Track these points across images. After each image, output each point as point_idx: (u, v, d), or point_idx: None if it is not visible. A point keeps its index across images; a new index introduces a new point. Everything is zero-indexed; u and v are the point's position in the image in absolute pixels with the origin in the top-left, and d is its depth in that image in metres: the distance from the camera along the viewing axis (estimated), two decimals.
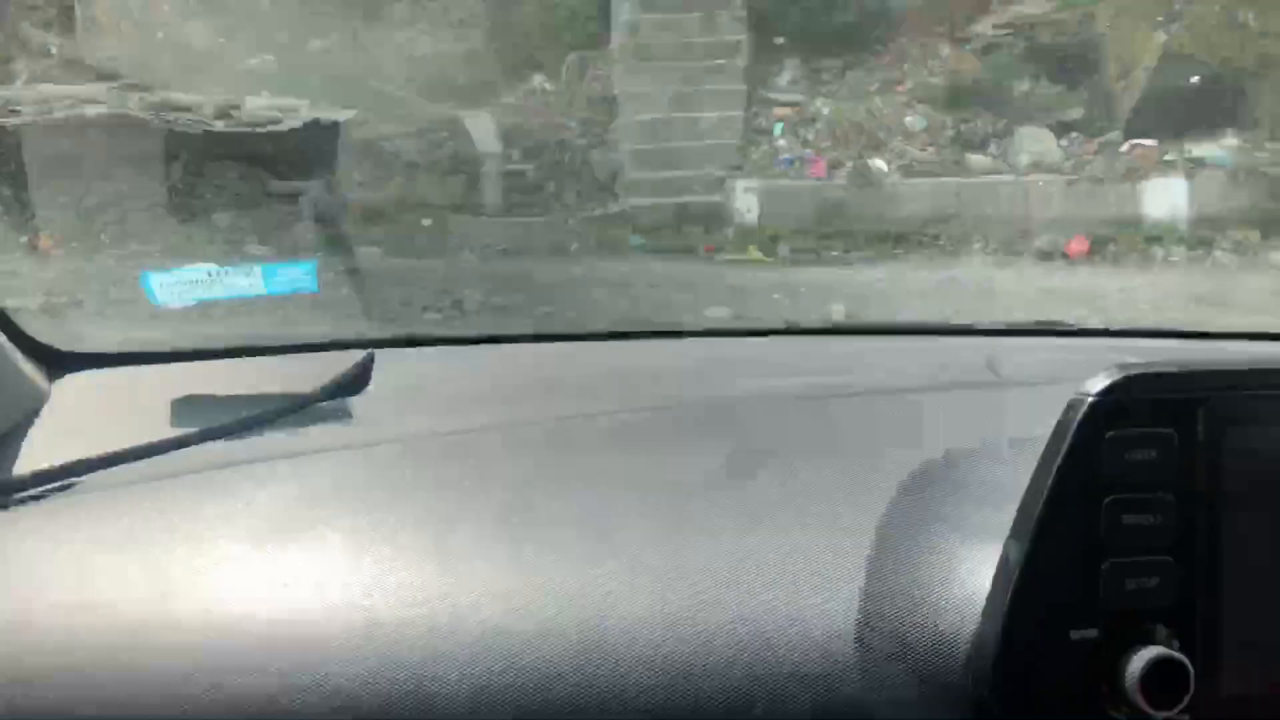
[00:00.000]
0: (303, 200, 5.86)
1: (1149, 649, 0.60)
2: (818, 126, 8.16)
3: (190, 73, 6.41)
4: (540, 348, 1.32)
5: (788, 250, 7.02)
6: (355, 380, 0.98)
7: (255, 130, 6.05)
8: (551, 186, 7.13)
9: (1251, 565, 0.63)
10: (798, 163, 7.73)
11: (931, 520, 0.72)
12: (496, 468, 0.85)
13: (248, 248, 5.55)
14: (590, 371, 1.15)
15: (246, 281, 1.10)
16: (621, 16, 7.81)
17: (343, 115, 6.40)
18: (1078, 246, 7.81)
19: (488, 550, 0.73)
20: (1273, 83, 8.15)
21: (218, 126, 5.99)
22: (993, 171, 8.32)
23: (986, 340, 1.23)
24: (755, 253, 6.84)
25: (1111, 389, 0.61)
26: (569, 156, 7.26)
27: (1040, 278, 7.18)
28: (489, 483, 0.82)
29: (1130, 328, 1.45)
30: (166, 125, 5.82)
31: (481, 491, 0.81)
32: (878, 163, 7.82)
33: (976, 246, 7.98)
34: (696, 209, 7.08)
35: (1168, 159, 8.10)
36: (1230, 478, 0.62)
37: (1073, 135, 8.45)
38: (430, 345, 1.33)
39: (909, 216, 8.00)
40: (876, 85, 8.81)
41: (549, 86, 7.84)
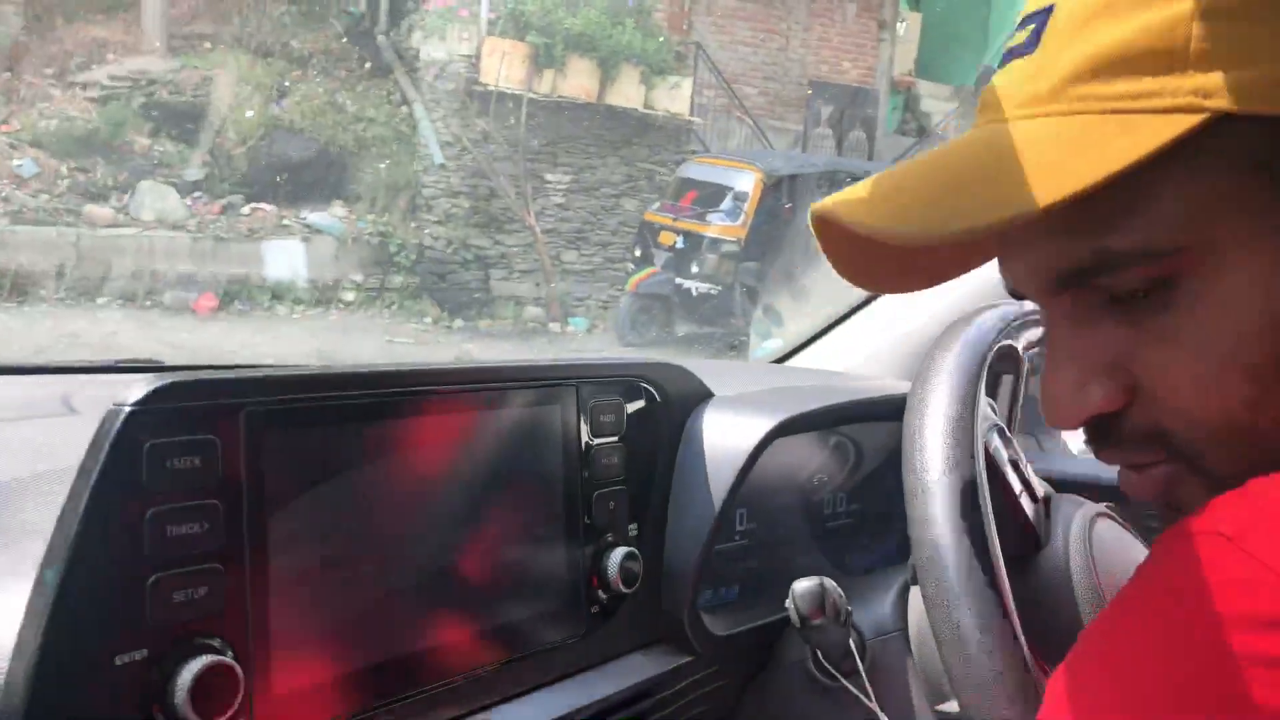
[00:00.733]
0: None
1: (199, 659, 0.59)
2: None
3: None
4: None
5: None
6: None
7: None
8: None
9: (296, 563, 0.66)
10: None
11: None
12: None
13: None
14: None
15: None
16: None
17: None
18: (206, 303, 7.87)
19: None
20: (367, 162, 9.20)
21: None
22: (114, 224, 7.99)
23: (66, 377, 1.13)
24: None
25: (149, 397, 0.59)
26: None
27: (169, 332, 7.07)
28: None
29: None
30: None
31: None
32: None
33: (101, 300, 7.57)
34: None
35: (285, 223, 8.62)
36: (272, 481, 0.64)
37: (196, 195, 8.52)
38: None
39: (23, 265, 7.30)
40: None
41: None
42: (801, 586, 0.85)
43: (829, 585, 0.85)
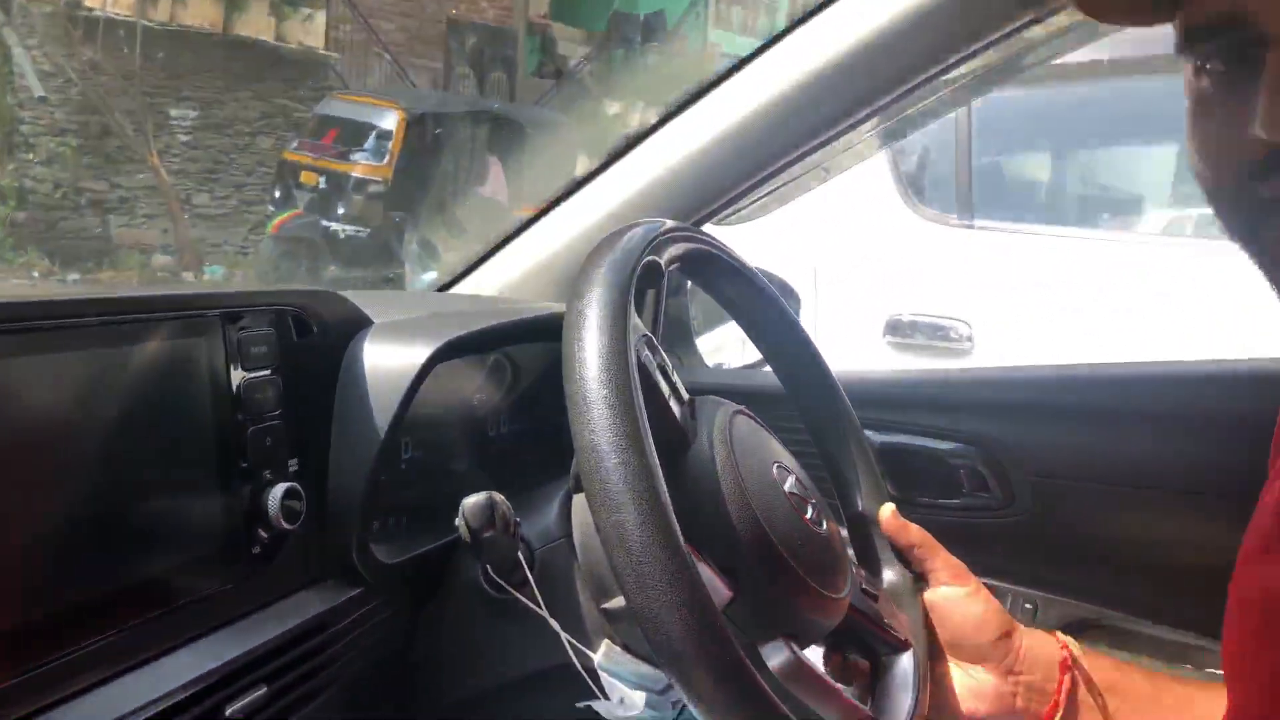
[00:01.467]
0: None
1: None
2: None
3: None
4: None
5: None
6: None
7: None
8: None
9: None
10: None
11: None
12: None
13: None
14: None
15: None
16: None
17: None
18: None
19: None
20: None
21: None
22: None
23: None
24: None
25: None
26: None
27: None
28: None
29: None
30: None
31: None
32: None
33: None
34: None
35: None
36: None
37: None
38: None
39: None
40: None
41: None
42: (471, 501, 0.86)
43: (497, 499, 0.87)
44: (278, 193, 8.14)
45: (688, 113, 1.39)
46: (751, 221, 1.56)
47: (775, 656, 0.79)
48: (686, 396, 0.85)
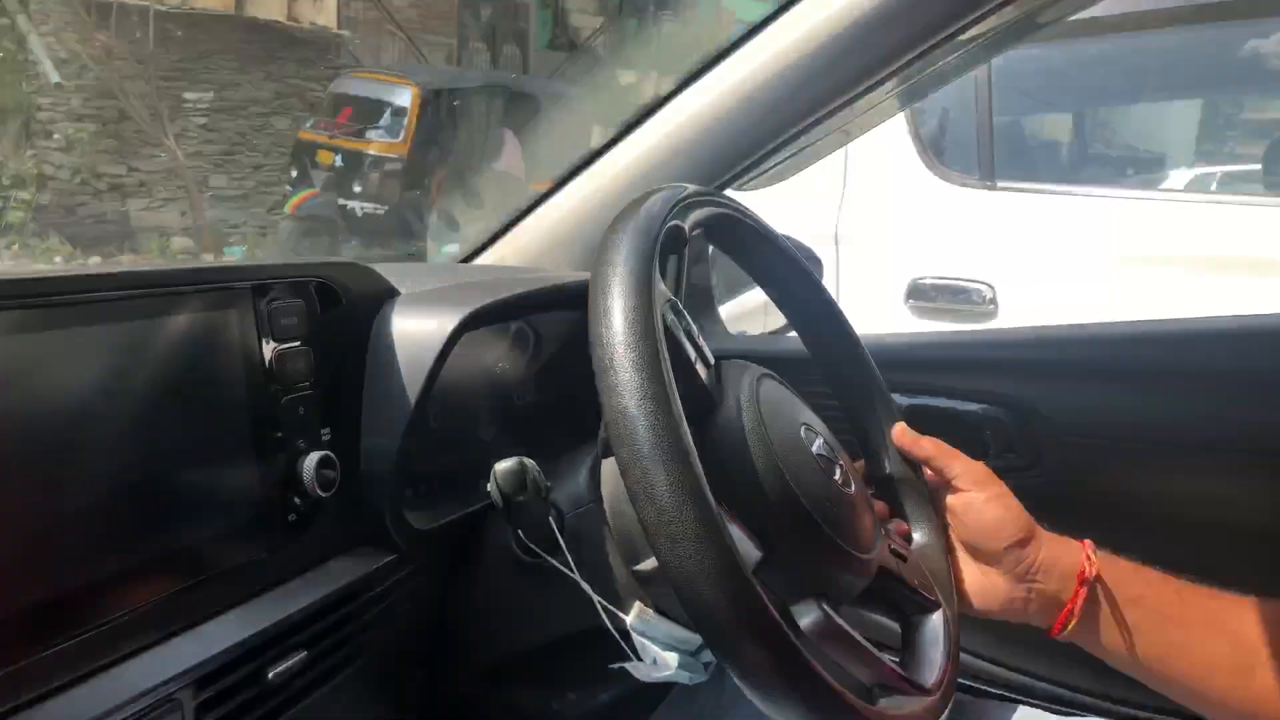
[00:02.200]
0: None
1: None
2: None
3: None
4: None
5: None
6: None
7: None
8: None
9: None
10: None
11: None
12: None
13: None
14: None
15: None
16: None
17: None
18: None
19: None
20: None
21: None
22: None
23: None
24: None
25: None
26: None
27: None
28: None
29: None
30: None
31: None
32: None
33: None
34: None
35: None
36: None
37: None
38: None
39: None
40: None
41: None
42: (502, 466, 0.86)
43: (528, 463, 0.87)
44: (294, 172, 8.14)
45: (706, 78, 1.39)
46: (771, 186, 1.56)
47: (806, 616, 0.79)
48: (712, 361, 0.86)
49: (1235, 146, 3.84)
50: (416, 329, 0.94)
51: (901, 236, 2.88)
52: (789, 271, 1.01)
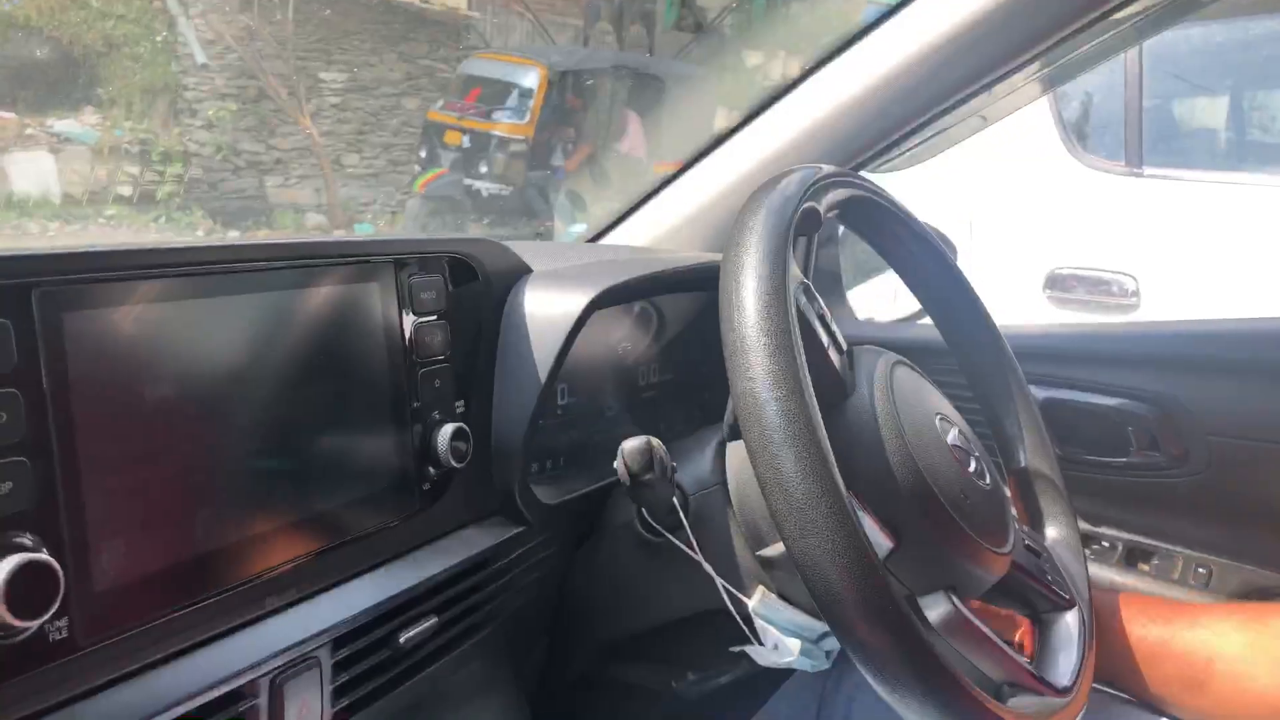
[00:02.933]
0: None
1: (11, 558, 0.55)
2: None
3: None
4: None
5: None
6: None
7: None
8: None
9: (107, 454, 0.62)
10: None
11: None
12: None
13: None
14: None
15: None
16: None
17: None
18: None
19: None
20: (119, 63, 8.45)
21: None
22: None
23: None
24: None
25: None
26: None
27: None
28: None
29: None
30: None
31: None
32: None
33: None
34: None
35: (30, 133, 7.84)
36: (75, 364, 0.60)
37: None
38: None
39: None
40: None
41: None
42: (630, 445, 0.87)
43: (655, 443, 0.87)
44: (423, 152, 8.32)
45: (843, 58, 1.36)
46: (902, 171, 1.52)
47: (935, 608, 0.77)
48: (845, 346, 0.84)
49: None
50: (549, 305, 0.95)
51: (1041, 223, 2.78)
52: (926, 257, 0.98)
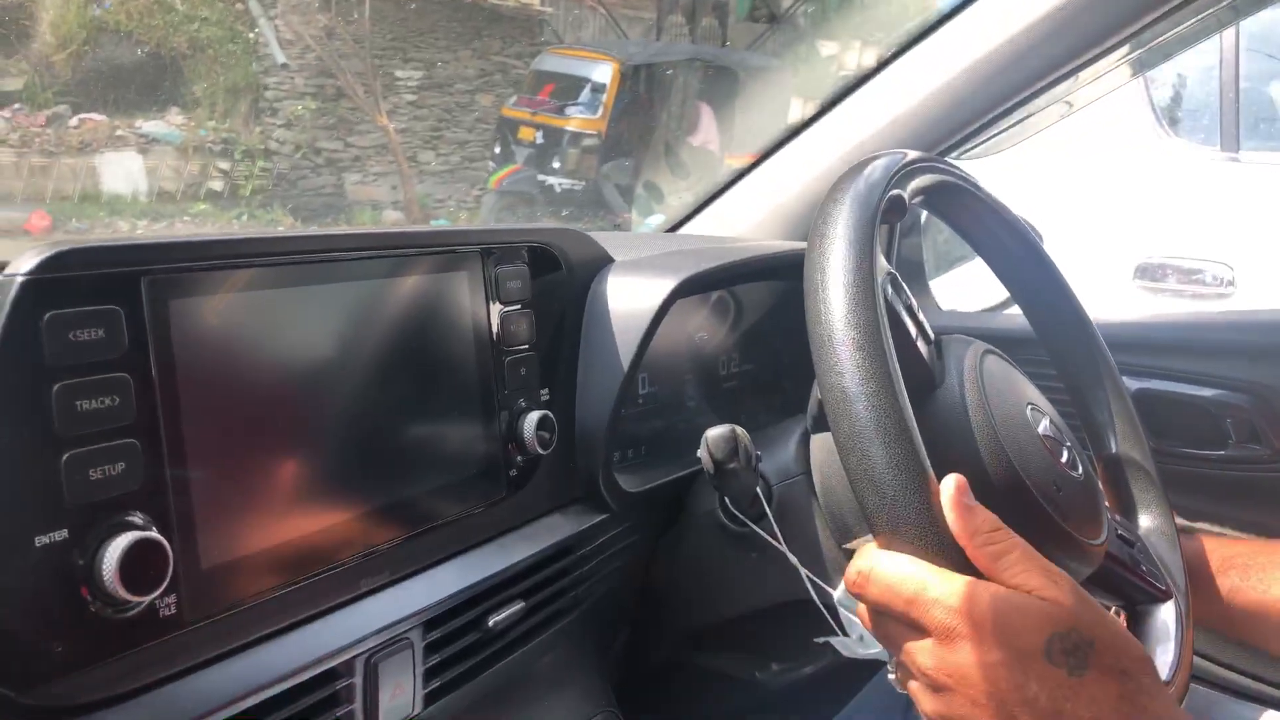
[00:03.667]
0: None
1: (124, 536, 0.57)
2: None
3: None
4: None
5: None
6: None
7: None
8: None
9: (212, 436, 0.64)
10: None
11: None
12: None
13: None
14: None
15: None
16: None
17: None
18: (39, 221, 7.37)
19: None
20: (203, 65, 8.67)
21: None
22: None
23: None
24: None
25: (44, 266, 0.55)
26: None
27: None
28: None
29: None
30: None
31: None
32: None
33: None
34: None
35: (119, 134, 8.09)
36: (181, 349, 0.62)
37: (16, 106, 7.89)
38: None
39: None
40: None
41: None
42: (715, 433, 0.87)
43: (740, 431, 0.87)
44: (497, 149, 8.39)
45: (922, 45, 1.34)
46: (986, 158, 1.49)
47: None
48: (933, 336, 0.83)
49: None
50: (631, 294, 0.95)
51: (1131, 209, 2.70)
52: (1015, 244, 0.96)
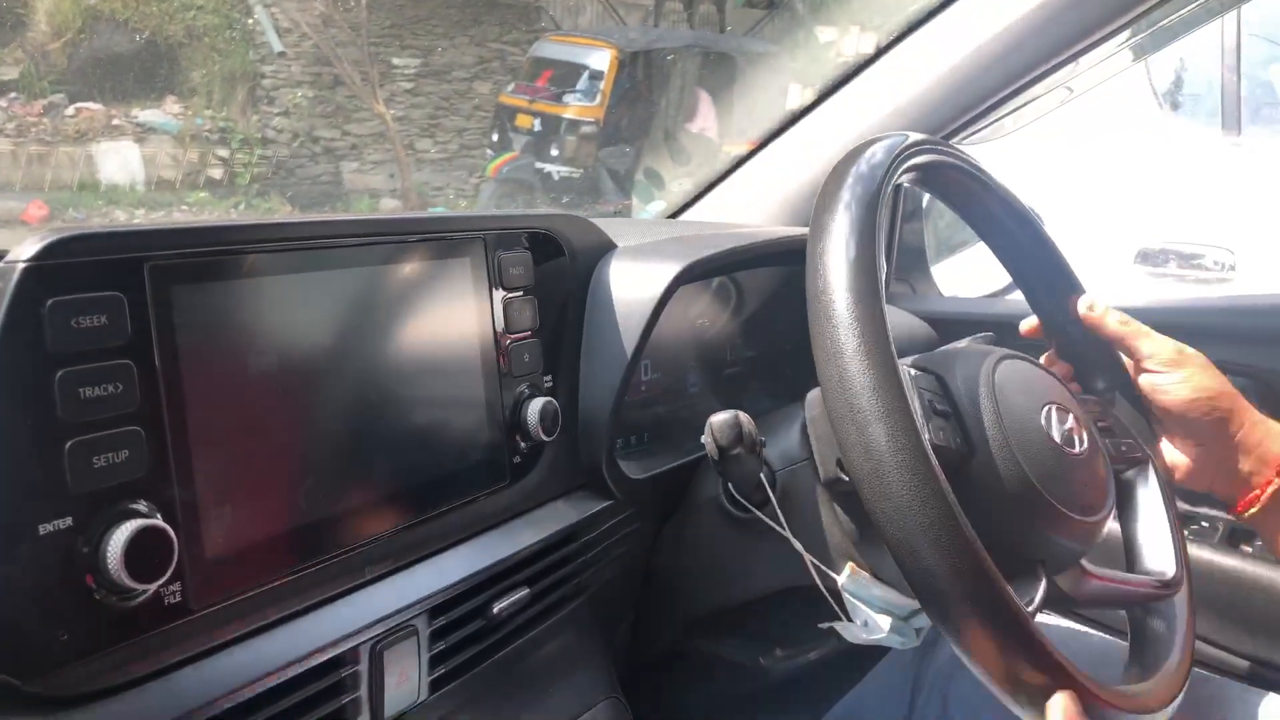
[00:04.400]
0: None
1: (129, 524, 0.57)
2: None
3: None
4: None
5: None
6: None
7: None
8: None
9: (216, 423, 0.64)
10: None
11: None
12: None
13: None
14: None
15: None
16: None
17: None
18: (36, 211, 7.36)
19: None
20: (199, 53, 8.64)
21: None
22: None
23: None
24: None
25: (46, 252, 0.55)
26: None
27: None
28: None
29: None
30: None
31: None
32: None
33: None
34: None
35: (116, 123, 8.07)
36: (184, 336, 0.61)
37: (12, 95, 7.87)
38: None
39: None
40: None
41: None
42: (719, 419, 0.86)
43: (743, 417, 0.87)
44: (495, 136, 8.36)
45: (923, 30, 1.34)
46: (987, 143, 1.49)
47: (1036, 590, 0.77)
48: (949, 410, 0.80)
49: None
50: (634, 280, 0.95)
51: (1132, 194, 2.69)
52: (1019, 229, 0.96)
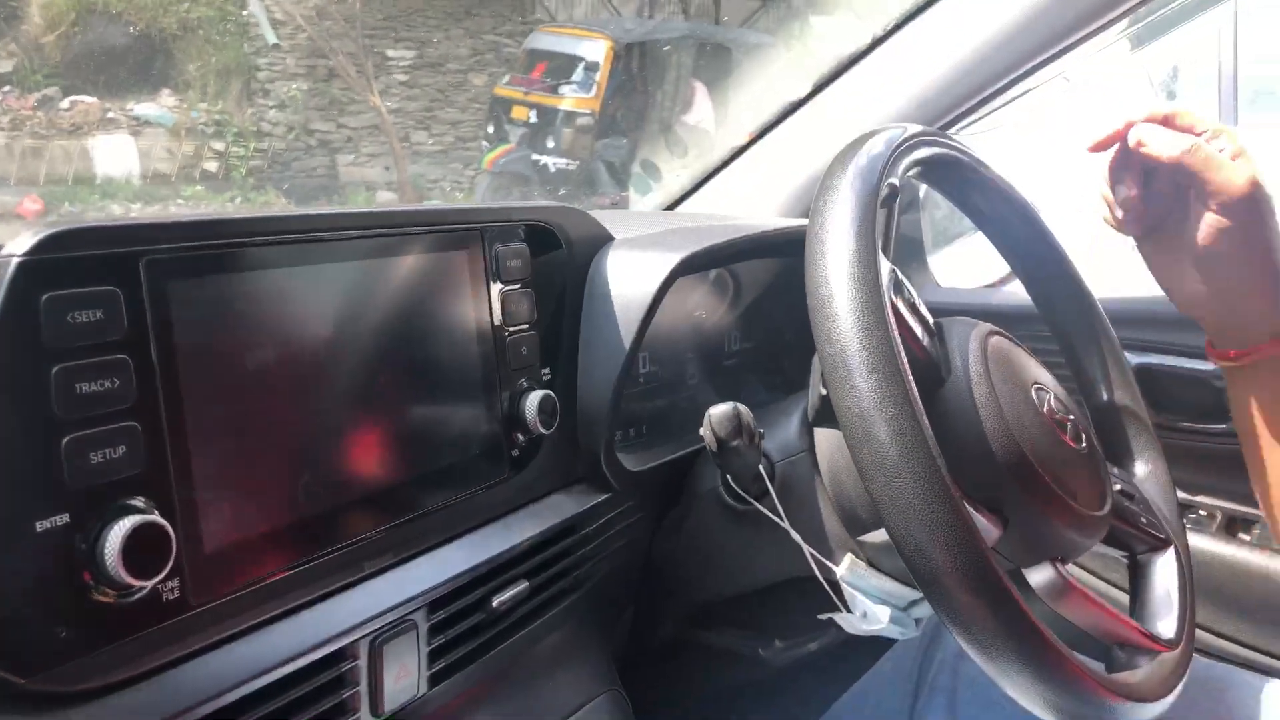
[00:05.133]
0: None
1: (126, 520, 0.57)
2: None
3: None
4: None
5: None
6: None
7: None
8: None
9: (214, 419, 0.63)
10: None
11: None
12: None
13: None
14: None
15: None
16: None
17: None
18: (31, 205, 7.34)
19: None
20: (194, 46, 8.61)
21: None
22: None
23: None
24: None
25: (41, 246, 0.55)
26: None
27: None
28: None
29: None
30: None
31: None
32: None
33: None
34: None
35: (111, 116, 8.05)
36: (181, 331, 0.61)
37: (6, 88, 7.84)
38: None
39: None
40: None
41: None
42: (718, 411, 0.86)
43: (742, 409, 0.87)
44: (491, 128, 8.35)
45: (919, 20, 1.33)
46: (984, 135, 1.49)
47: (1041, 579, 0.77)
48: (932, 323, 0.82)
49: None
50: (632, 272, 0.94)
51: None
52: (1017, 219, 0.96)
